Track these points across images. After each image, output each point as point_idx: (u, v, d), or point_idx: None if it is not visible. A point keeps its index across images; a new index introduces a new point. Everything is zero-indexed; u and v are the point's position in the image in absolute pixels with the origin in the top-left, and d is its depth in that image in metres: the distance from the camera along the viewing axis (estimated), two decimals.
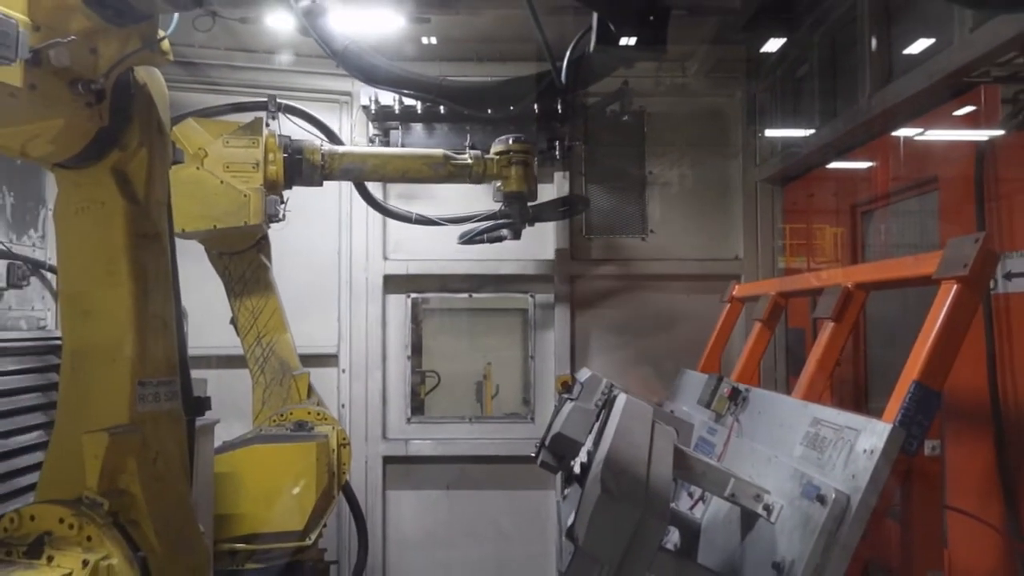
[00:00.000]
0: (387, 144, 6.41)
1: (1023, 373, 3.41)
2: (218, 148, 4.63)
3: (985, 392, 3.51)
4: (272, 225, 4.92)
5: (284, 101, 5.28)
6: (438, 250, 6.63)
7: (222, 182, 4.55)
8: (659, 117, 6.69)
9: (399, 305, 6.70)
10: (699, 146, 6.71)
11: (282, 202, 4.99)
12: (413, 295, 6.71)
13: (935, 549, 2.34)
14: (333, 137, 5.37)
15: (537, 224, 6.60)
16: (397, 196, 6.63)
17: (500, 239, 5.87)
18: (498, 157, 5.17)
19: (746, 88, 6.63)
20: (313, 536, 4.48)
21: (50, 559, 2.21)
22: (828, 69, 5.35)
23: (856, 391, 5.02)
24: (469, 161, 5.10)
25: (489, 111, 5.48)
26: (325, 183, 5.17)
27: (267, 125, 4.85)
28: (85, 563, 2.20)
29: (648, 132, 6.69)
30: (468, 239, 5.89)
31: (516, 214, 5.44)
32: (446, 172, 5.08)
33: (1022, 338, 3.42)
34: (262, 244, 5.15)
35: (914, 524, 2.35)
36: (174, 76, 6.44)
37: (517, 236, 5.83)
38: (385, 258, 6.63)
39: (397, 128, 6.43)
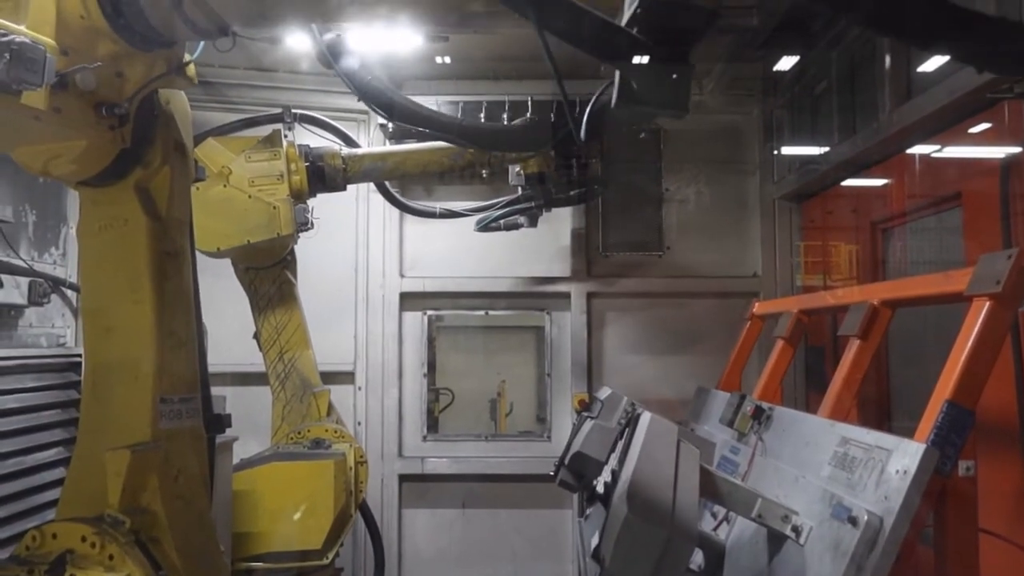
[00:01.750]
0: None
1: None
2: (241, 164, 4.67)
3: (1013, 411, 3.44)
4: (301, 235, 4.96)
5: (298, 111, 5.32)
6: (455, 267, 6.63)
7: (250, 197, 4.58)
8: (676, 134, 6.68)
9: (415, 322, 6.70)
10: (716, 163, 6.70)
11: (308, 210, 5.04)
12: (430, 312, 6.71)
13: (971, 572, 2.28)
14: (349, 141, 5.40)
15: (554, 241, 6.63)
16: (413, 220, 6.65)
17: (517, 226, 5.87)
18: None
19: (763, 105, 6.61)
20: (331, 555, 4.44)
21: None
22: (847, 86, 5.33)
23: (877, 408, 4.95)
24: None
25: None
26: (348, 188, 5.21)
27: (285, 136, 4.89)
28: None
29: (665, 149, 6.69)
30: (484, 226, 5.90)
31: (539, 195, 5.45)
32: (465, 161, 5.11)
33: None
34: (288, 261, 5.18)
35: (949, 547, 2.29)
36: (192, 95, 6.49)
37: (533, 223, 5.83)
38: (402, 275, 6.64)
39: None
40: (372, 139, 6.55)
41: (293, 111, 5.26)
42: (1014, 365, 3.44)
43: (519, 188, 5.59)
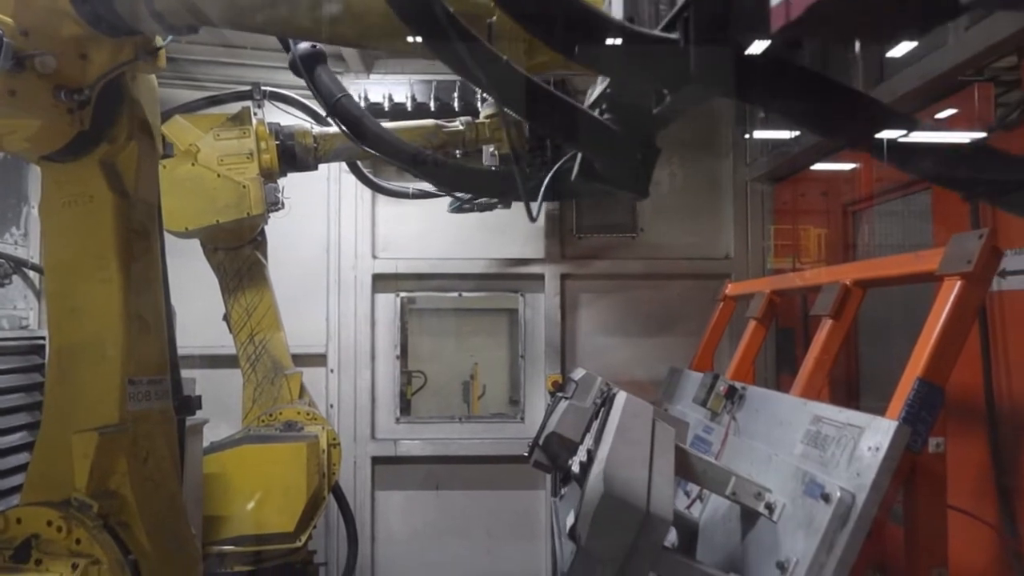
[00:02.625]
0: None
1: (1018, 371, 3.41)
2: (209, 142, 4.56)
3: (979, 390, 3.51)
4: (271, 215, 4.87)
5: (268, 87, 5.19)
6: (428, 249, 6.58)
7: (219, 175, 4.47)
8: None
9: (388, 304, 6.64)
10: (690, 144, 6.70)
11: (279, 190, 4.94)
12: (403, 294, 6.66)
13: (940, 547, 2.32)
14: (321, 119, 5.29)
15: (528, 223, 6.56)
16: (385, 201, 6.58)
17: (491, 207, 5.77)
18: (489, 120, 5.09)
19: None
20: (303, 538, 4.41)
21: (38, 563, 2.15)
22: (819, 67, 5.34)
23: (844, 387, 5.02)
24: (461, 127, 5.03)
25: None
26: (320, 167, 5.11)
27: (254, 114, 4.78)
28: (74, 567, 2.14)
29: None
30: (457, 207, 5.80)
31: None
32: (439, 141, 5.01)
33: (1017, 336, 3.42)
34: (259, 241, 5.08)
35: (919, 523, 2.33)
36: (161, 73, 6.35)
37: (508, 204, 5.73)
38: (374, 257, 6.58)
39: None
40: None
41: (263, 88, 5.14)
42: (981, 345, 3.51)
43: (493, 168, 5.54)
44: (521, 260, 6.61)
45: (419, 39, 2.22)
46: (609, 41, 2.06)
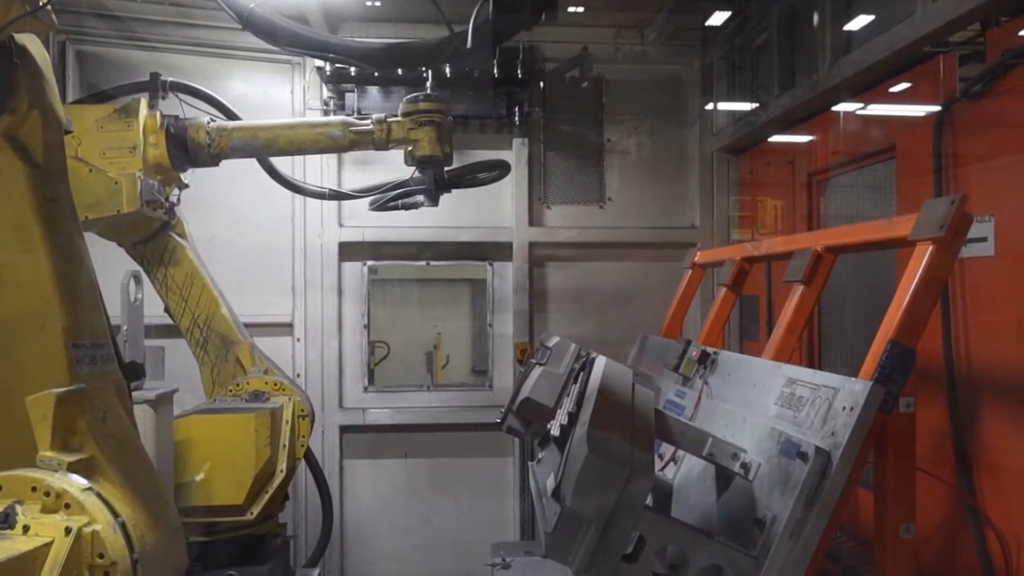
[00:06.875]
0: (342, 108, 6.22)
1: (976, 336, 3.53)
2: (93, 134, 4.25)
3: (939, 354, 3.63)
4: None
5: (171, 79, 4.74)
6: (395, 217, 6.49)
7: (91, 170, 4.12)
8: (618, 84, 6.67)
9: (355, 273, 6.58)
10: (657, 114, 6.74)
11: (180, 186, 4.66)
12: (370, 263, 6.59)
13: (909, 503, 2.41)
14: (228, 112, 4.91)
15: (495, 193, 6.56)
16: (352, 163, 6.49)
17: (416, 205, 5.47)
18: (404, 119, 4.65)
19: (704, 57, 6.65)
20: (255, 511, 4.30)
21: (26, 529, 2.10)
22: (787, 38, 5.40)
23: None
24: (370, 127, 4.64)
25: (401, 71, 5.28)
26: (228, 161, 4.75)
27: (152, 106, 4.45)
28: (68, 530, 2.10)
29: (607, 99, 6.67)
30: (379, 205, 5.52)
31: (430, 181, 5.03)
32: (346, 141, 4.66)
33: (976, 302, 3.53)
34: (171, 224, 4.80)
35: (888, 481, 2.41)
36: (113, 35, 6.13)
37: (435, 203, 5.40)
38: (341, 225, 6.49)
39: (352, 91, 6.24)
40: (308, 83, 6.33)
41: (163, 79, 4.69)
42: (941, 311, 3.62)
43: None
44: (489, 229, 6.60)
45: None
46: None
